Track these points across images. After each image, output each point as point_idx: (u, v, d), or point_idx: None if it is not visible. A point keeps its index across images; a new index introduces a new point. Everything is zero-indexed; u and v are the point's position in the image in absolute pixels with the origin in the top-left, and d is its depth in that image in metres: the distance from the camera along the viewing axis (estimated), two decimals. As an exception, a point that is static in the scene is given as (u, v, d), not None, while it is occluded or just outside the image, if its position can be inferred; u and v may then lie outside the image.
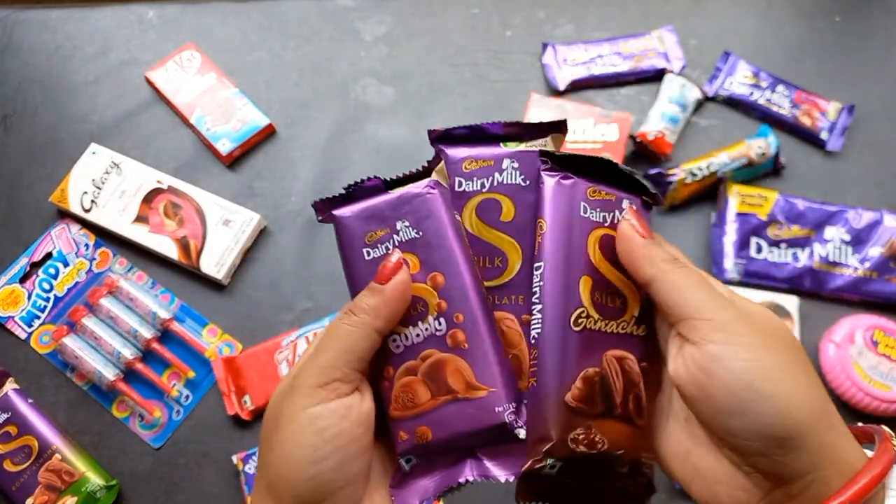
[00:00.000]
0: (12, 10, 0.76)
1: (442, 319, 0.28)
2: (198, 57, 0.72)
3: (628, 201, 0.29)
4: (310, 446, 0.25)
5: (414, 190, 0.29)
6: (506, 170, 0.29)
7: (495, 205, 0.29)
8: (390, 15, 0.76)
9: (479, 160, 0.29)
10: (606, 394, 0.27)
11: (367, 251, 0.29)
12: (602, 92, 0.73)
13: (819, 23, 0.77)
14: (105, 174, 0.66)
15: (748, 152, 0.66)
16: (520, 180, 0.29)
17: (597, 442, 0.26)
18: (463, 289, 0.28)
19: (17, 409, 0.56)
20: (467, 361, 0.27)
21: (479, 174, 0.29)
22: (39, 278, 0.63)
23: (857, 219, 0.64)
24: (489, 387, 0.27)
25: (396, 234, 0.28)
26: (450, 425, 0.27)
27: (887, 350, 0.58)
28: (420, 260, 0.28)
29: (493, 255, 0.29)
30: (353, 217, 0.29)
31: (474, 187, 0.29)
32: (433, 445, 0.27)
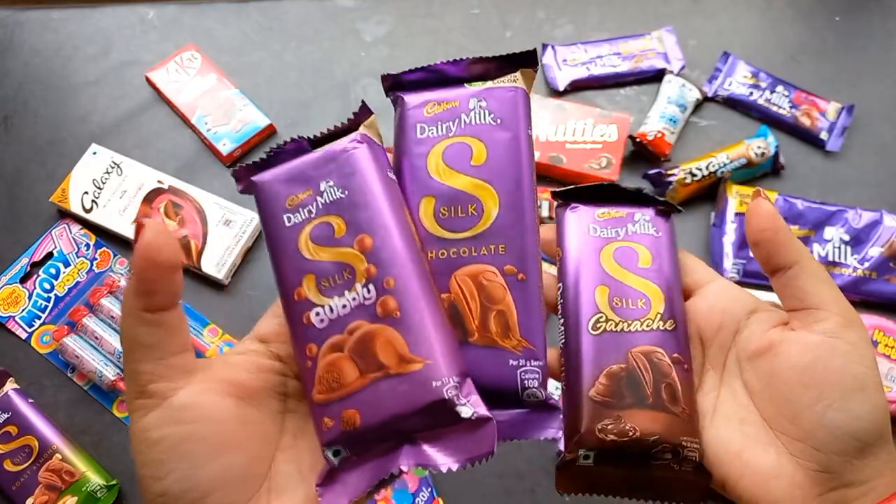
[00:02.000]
0: (13, 10, 0.76)
1: (371, 286, 0.24)
2: (198, 57, 0.72)
3: (641, 213, 0.30)
4: (150, 464, 0.22)
5: (338, 146, 0.26)
6: (473, 110, 0.27)
7: (465, 148, 0.27)
8: (390, 15, 0.77)
9: (442, 102, 0.27)
10: (635, 386, 0.27)
11: (288, 216, 0.25)
12: (602, 92, 0.73)
13: (818, 23, 0.77)
14: (106, 174, 0.66)
15: (747, 152, 0.66)
16: (490, 120, 0.27)
17: (627, 430, 0.26)
18: (394, 250, 0.24)
19: (18, 408, 0.57)
20: (400, 331, 0.24)
21: (443, 118, 0.27)
22: (40, 278, 0.63)
23: (856, 219, 0.64)
24: (425, 358, 0.23)
25: (320, 195, 0.25)
26: (381, 406, 0.23)
27: (887, 350, 0.58)
28: (346, 221, 0.25)
29: (466, 202, 0.26)
30: (273, 181, 0.26)
31: (439, 132, 0.27)
32: (363, 431, 0.24)
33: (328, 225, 0.25)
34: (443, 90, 0.28)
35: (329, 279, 0.25)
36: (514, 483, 0.56)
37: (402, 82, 0.29)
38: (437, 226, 0.26)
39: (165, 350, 0.22)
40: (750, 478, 0.25)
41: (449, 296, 0.26)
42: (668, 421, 0.26)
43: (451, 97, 0.28)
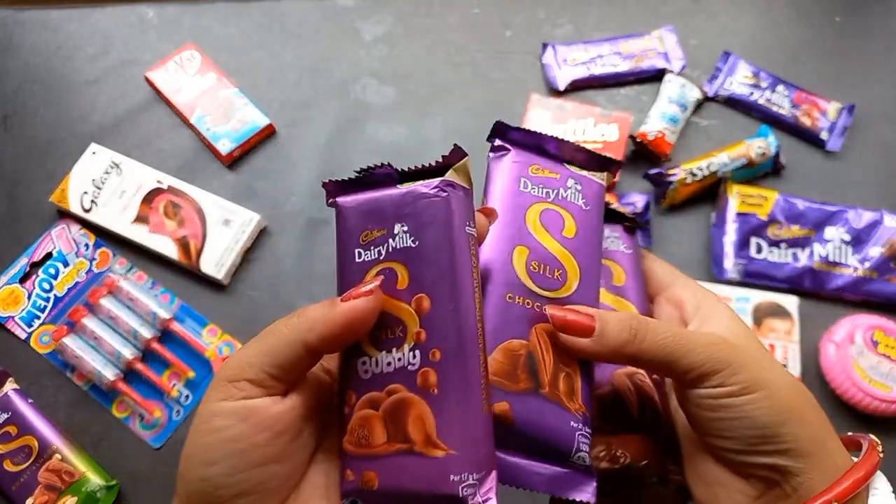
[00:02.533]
0: (13, 10, 0.76)
1: (417, 352, 0.23)
2: (198, 57, 0.72)
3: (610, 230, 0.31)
4: (204, 445, 0.23)
5: (422, 189, 0.25)
6: (570, 189, 0.29)
7: (559, 218, 0.28)
8: (390, 15, 0.76)
9: (546, 170, 0.29)
10: (622, 409, 0.27)
11: (359, 252, 0.25)
12: (602, 92, 0.73)
13: (819, 23, 0.77)
14: (105, 174, 0.66)
15: (748, 152, 0.66)
16: (581, 203, 0.29)
17: (619, 457, 0.26)
18: (449, 321, 0.23)
19: (17, 409, 0.56)
20: (433, 410, 0.23)
21: (544, 183, 0.28)
22: (39, 278, 0.63)
23: (857, 219, 0.64)
24: (449, 448, 0.23)
25: (392, 237, 0.24)
26: (398, 478, 0.23)
27: (887, 350, 0.58)
28: (410, 275, 0.24)
29: (554, 266, 0.27)
30: (354, 209, 0.26)
31: (538, 194, 0.28)
32: (377, 494, 0.24)
33: (393, 272, 0.24)
34: (546, 160, 0.29)
35: (383, 331, 0.24)
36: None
37: (510, 135, 0.29)
38: (527, 276, 0.27)
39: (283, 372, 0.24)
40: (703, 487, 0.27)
41: (527, 344, 0.26)
42: (654, 446, 0.27)
43: (555, 169, 0.29)
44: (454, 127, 0.71)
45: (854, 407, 0.58)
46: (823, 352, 0.60)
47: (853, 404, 0.57)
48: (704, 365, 0.25)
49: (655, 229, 0.65)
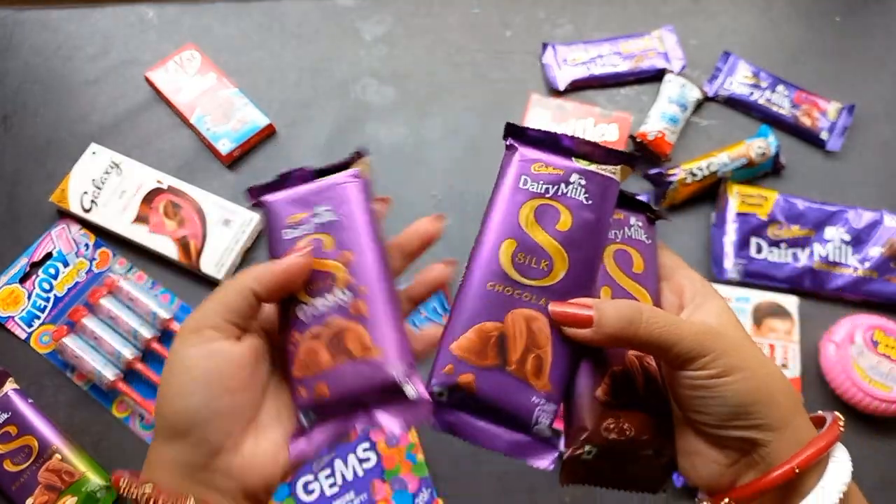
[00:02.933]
0: (13, 10, 0.76)
1: (348, 291, 0.31)
2: (198, 57, 0.72)
3: (635, 218, 0.34)
4: (179, 384, 0.28)
5: (336, 179, 0.33)
6: (572, 183, 0.31)
7: (554, 212, 0.31)
8: (390, 15, 0.76)
9: (549, 166, 0.31)
10: (630, 388, 0.30)
11: (287, 231, 0.32)
12: (602, 92, 0.73)
13: (819, 23, 0.77)
14: (105, 174, 0.66)
15: (748, 152, 0.66)
16: (583, 197, 0.31)
17: (626, 430, 0.29)
18: (369, 265, 0.31)
19: (17, 409, 0.56)
20: (366, 328, 0.30)
21: (545, 179, 0.31)
22: (39, 278, 0.63)
23: (857, 219, 0.64)
24: (382, 348, 0.29)
25: (315, 216, 0.32)
26: (345, 382, 0.29)
27: (887, 350, 0.58)
28: (335, 240, 0.32)
29: (541, 256, 0.30)
30: (281, 201, 0.33)
31: (537, 189, 0.31)
32: (330, 401, 0.30)
33: (319, 241, 0.32)
34: (553, 156, 0.32)
35: (317, 284, 0.31)
36: (513, 483, 0.56)
37: (522, 134, 0.32)
38: (511, 266, 0.30)
39: (236, 317, 0.30)
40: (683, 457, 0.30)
41: (501, 327, 0.30)
42: (655, 423, 0.30)
43: (559, 165, 0.31)
44: (454, 127, 0.71)
45: (854, 407, 0.58)
46: (823, 352, 0.60)
47: (853, 404, 0.57)
48: (692, 351, 0.28)
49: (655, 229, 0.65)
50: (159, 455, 0.28)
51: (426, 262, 0.67)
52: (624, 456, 0.30)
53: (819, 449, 0.27)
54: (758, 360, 0.29)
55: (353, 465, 0.55)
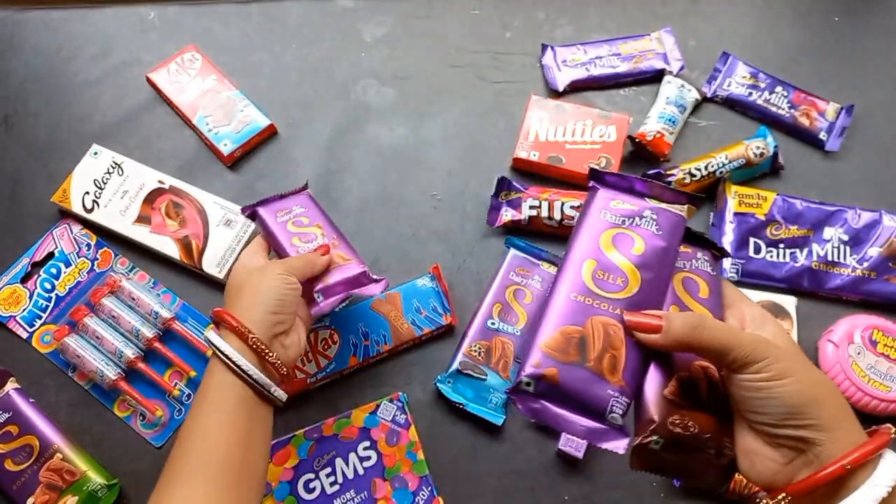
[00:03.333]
0: (14, 10, 0.77)
1: (325, 237, 0.55)
2: (199, 58, 0.72)
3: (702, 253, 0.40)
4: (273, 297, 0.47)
5: (300, 195, 0.60)
6: (645, 218, 0.38)
7: (630, 240, 0.37)
8: (391, 16, 0.77)
9: (626, 203, 0.38)
10: (695, 392, 0.35)
11: (278, 217, 0.56)
12: (601, 93, 0.73)
13: (817, 23, 0.77)
14: (107, 174, 0.66)
15: (746, 153, 0.66)
16: (654, 229, 0.37)
17: (689, 426, 0.33)
18: (332, 229, 0.57)
19: (19, 408, 0.57)
20: (340, 251, 0.54)
21: (622, 213, 0.38)
22: (41, 278, 0.63)
23: (855, 219, 0.64)
24: (351, 258, 0.54)
25: (290, 212, 0.57)
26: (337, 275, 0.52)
27: (886, 349, 0.58)
28: (309, 218, 0.57)
29: (617, 274, 0.36)
30: (269, 208, 0.57)
31: (615, 221, 0.38)
32: (329, 286, 0.52)
33: (300, 222, 0.56)
34: (629, 196, 0.39)
35: (303, 237, 0.55)
36: (514, 483, 0.57)
37: (602, 178, 0.39)
38: (591, 281, 0.36)
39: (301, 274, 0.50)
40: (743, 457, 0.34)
41: (582, 330, 0.35)
42: (717, 425, 0.34)
43: (634, 203, 0.38)
44: (454, 127, 0.71)
45: (853, 406, 0.58)
46: (822, 351, 0.60)
47: (852, 404, 0.58)
48: (749, 356, 0.32)
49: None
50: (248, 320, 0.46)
51: (424, 256, 0.67)
52: (688, 451, 0.34)
53: (869, 450, 0.30)
54: (809, 368, 0.33)
55: (354, 464, 0.56)
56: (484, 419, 0.57)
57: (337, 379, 0.60)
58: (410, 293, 0.62)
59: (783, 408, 0.31)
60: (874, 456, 0.30)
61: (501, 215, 0.65)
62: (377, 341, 0.60)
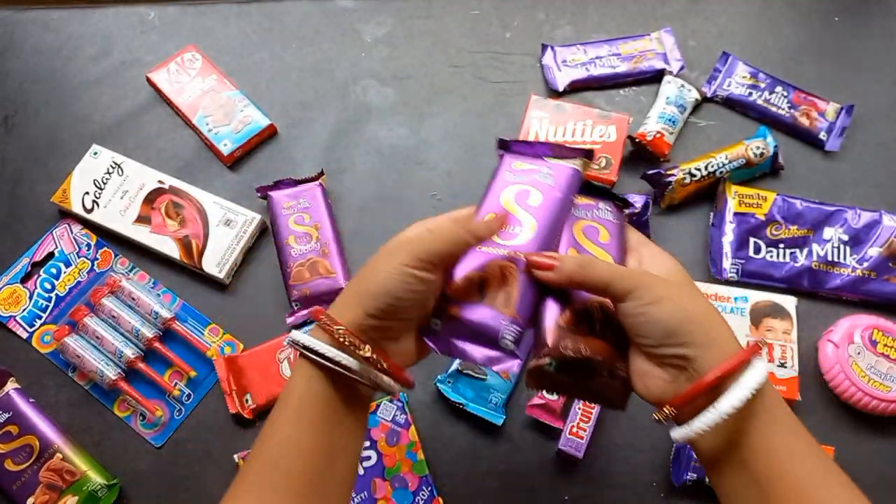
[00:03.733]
0: (14, 10, 0.77)
1: (319, 242, 0.61)
2: (199, 58, 0.72)
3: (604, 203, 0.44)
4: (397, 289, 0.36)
5: (310, 184, 0.65)
6: (542, 174, 0.43)
7: (527, 192, 0.42)
8: (391, 16, 0.77)
9: (526, 163, 0.44)
10: (589, 321, 0.38)
11: (283, 211, 0.63)
12: (601, 93, 0.73)
13: (817, 23, 0.77)
14: (107, 174, 0.66)
15: (746, 153, 0.66)
16: (551, 181, 0.42)
17: (581, 349, 0.36)
18: (328, 231, 0.62)
19: (19, 408, 0.57)
20: (329, 261, 0.60)
21: (524, 171, 0.43)
22: (41, 278, 0.63)
23: (855, 219, 0.64)
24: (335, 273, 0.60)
25: (298, 202, 0.64)
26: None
27: (886, 349, 0.58)
28: (310, 215, 0.63)
29: (514, 223, 0.40)
30: (279, 195, 0.64)
31: (516, 179, 0.43)
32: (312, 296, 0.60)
33: (302, 217, 0.63)
34: (530, 159, 0.44)
35: (301, 238, 0.61)
36: (513, 482, 0.57)
37: (508, 146, 0.45)
38: None
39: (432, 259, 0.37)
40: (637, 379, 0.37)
41: (482, 274, 0.39)
42: (608, 350, 0.37)
43: (534, 163, 0.44)
44: (454, 127, 0.71)
45: (853, 406, 0.58)
46: (822, 351, 0.60)
47: (852, 403, 0.58)
48: (627, 287, 0.36)
49: (654, 229, 0.65)
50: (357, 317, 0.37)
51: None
52: (582, 373, 0.37)
53: (736, 361, 0.33)
54: (687, 294, 0.37)
55: (354, 464, 0.56)
56: (484, 419, 0.57)
57: (337, 379, 0.60)
58: (410, 293, 0.62)
59: (660, 329, 0.35)
60: (745, 365, 0.34)
61: (501, 215, 0.65)
62: (377, 341, 0.60)
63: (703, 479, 0.54)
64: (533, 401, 0.57)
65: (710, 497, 0.56)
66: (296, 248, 0.62)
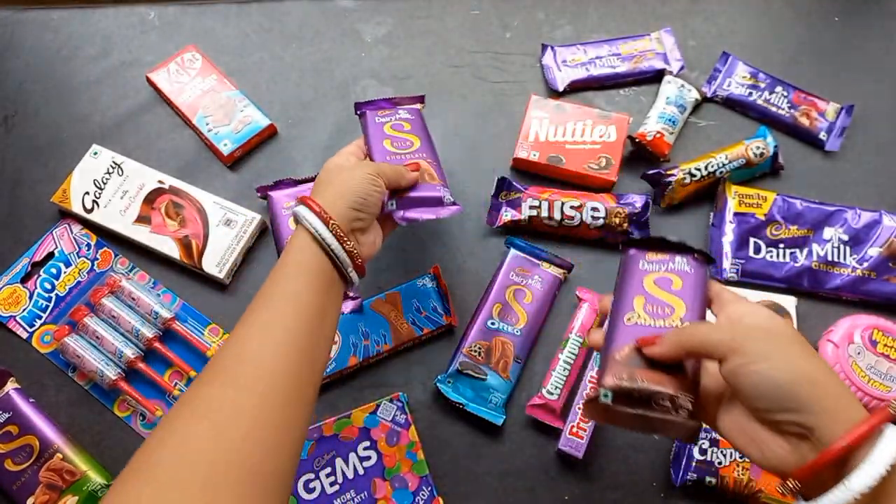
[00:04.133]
0: (14, 10, 0.77)
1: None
2: (199, 58, 0.72)
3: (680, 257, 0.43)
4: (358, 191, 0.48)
5: (309, 185, 0.65)
6: (401, 114, 0.59)
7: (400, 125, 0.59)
8: (391, 16, 0.77)
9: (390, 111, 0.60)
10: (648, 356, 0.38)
11: (284, 211, 0.64)
12: (601, 93, 0.73)
13: (817, 23, 0.77)
14: (107, 174, 0.66)
15: (746, 153, 0.66)
16: (408, 115, 0.60)
17: (637, 378, 0.36)
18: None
19: (19, 408, 0.57)
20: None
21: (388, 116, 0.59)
22: (41, 278, 0.63)
23: (855, 219, 0.64)
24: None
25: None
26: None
27: (886, 349, 0.58)
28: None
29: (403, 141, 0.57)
30: (279, 195, 0.65)
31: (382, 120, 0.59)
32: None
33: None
34: (388, 109, 0.60)
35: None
36: (513, 483, 0.57)
37: (364, 106, 0.60)
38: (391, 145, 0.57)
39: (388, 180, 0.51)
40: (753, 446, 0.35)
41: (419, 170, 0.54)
42: (669, 379, 0.37)
43: (392, 112, 0.60)
44: (454, 127, 0.71)
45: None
46: (822, 351, 0.60)
47: (851, 403, 0.58)
48: (729, 344, 0.34)
49: (654, 229, 0.65)
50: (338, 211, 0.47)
51: (424, 256, 0.67)
52: (642, 403, 0.36)
53: (865, 429, 0.30)
54: (801, 352, 0.33)
55: (354, 464, 0.56)
56: (484, 419, 0.57)
57: (337, 379, 0.60)
58: (410, 293, 0.62)
59: (771, 390, 0.32)
60: (874, 433, 0.30)
61: (501, 215, 0.65)
62: (377, 341, 0.60)
63: (703, 479, 0.54)
64: (533, 401, 0.57)
65: (710, 497, 0.56)
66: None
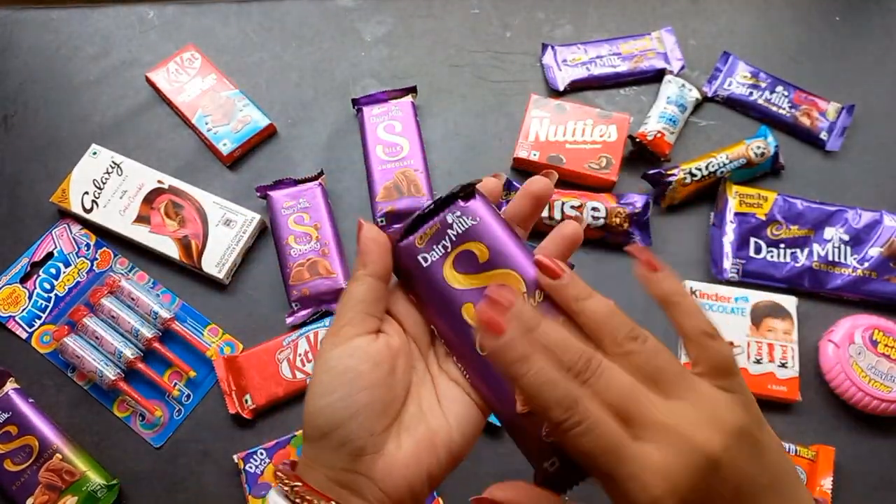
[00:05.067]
0: (13, 10, 0.77)
1: (319, 244, 0.62)
2: (199, 58, 0.72)
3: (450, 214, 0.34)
4: (322, 383, 0.28)
5: (309, 184, 0.65)
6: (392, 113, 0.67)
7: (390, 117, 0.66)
8: (391, 16, 0.77)
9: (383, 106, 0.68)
10: None
11: (283, 210, 0.64)
12: (601, 93, 0.73)
13: (818, 23, 0.77)
14: (106, 174, 0.66)
15: (747, 152, 0.66)
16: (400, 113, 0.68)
17: None
18: (328, 231, 0.63)
19: (18, 408, 0.57)
20: (329, 261, 0.61)
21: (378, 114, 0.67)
22: (40, 278, 0.63)
23: (856, 219, 0.64)
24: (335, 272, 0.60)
25: (298, 201, 0.64)
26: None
27: (886, 350, 0.58)
28: (308, 215, 0.63)
29: None
30: (279, 195, 0.65)
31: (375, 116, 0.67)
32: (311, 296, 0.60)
33: (301, 217, 0.63)
34: (383, 104, 0.67)
35: (300, 238, 0.63)
36: (514, 483, 0.56)
37: (361, 101, 0.66)
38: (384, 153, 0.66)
39: (369, 306, 0.30)
40: None
41: None
42: None
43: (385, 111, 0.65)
44: (454, 127, 0.71)
45: (853, 406, 0.58)
46: (822, 351, 0.60)
47: (852, 404, 0.58)
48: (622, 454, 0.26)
49: (655, 229, 0.65)
50: (309, 456, 0.29)
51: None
52: None
53: None
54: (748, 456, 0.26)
55: (354, 465, 0.55)
56: (484, 419, 0.57)
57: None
58: (410, 293, 0.62)
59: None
60: None
61: (501, 215, 0.65)
62: (377, 342, 0.60)
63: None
64: (533, 401, 0.57)
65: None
66: (295, 248, 0.62)
